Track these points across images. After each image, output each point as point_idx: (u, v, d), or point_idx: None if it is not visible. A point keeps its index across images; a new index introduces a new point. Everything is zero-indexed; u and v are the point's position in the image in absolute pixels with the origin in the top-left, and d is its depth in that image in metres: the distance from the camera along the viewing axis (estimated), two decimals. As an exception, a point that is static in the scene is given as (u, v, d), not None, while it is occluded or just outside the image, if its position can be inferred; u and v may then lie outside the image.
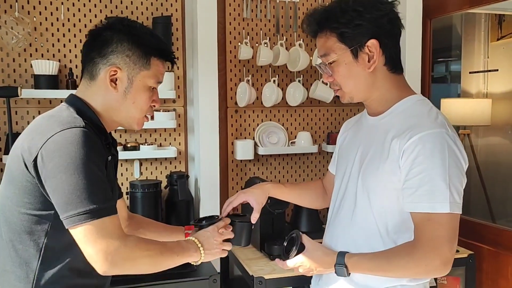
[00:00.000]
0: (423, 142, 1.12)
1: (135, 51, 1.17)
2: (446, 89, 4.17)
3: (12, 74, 2.08)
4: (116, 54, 1.16)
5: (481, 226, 2.30)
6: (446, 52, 3.92)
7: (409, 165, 1.12)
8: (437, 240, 1.10)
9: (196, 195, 2.32)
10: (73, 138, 1.04)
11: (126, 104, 1.19)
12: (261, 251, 2.08)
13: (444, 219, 1.11)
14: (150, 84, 1.20)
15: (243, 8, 2.36)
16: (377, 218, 1.20)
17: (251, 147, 2.36)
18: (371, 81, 1.22)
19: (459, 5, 2.37)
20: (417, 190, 1.12)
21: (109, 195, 1.09)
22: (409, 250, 1.13)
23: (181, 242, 1.23)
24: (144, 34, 1.20)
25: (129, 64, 1.17)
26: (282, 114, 2.48)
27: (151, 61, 1.19)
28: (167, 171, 2.33)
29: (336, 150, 1.50)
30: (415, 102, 1.25)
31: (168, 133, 2.33)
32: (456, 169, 1.13)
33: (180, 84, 2.32)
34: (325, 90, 2.42)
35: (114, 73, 1.16)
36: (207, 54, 2.22)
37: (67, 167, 1.02)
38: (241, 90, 2.35)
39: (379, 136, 1.23)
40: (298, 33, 2.44)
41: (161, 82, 1.24)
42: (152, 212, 2.13)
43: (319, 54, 1.26)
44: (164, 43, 1.25)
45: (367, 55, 1.19)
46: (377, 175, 1.19)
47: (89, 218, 1.02)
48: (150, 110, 1.24)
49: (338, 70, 1.22)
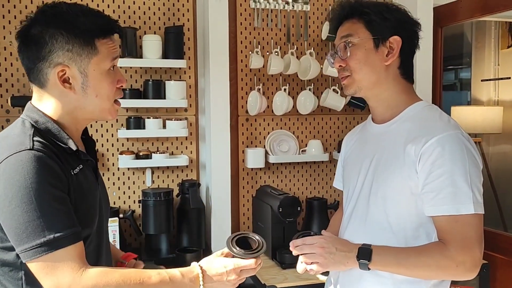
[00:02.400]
0: (441, 144, 1.12)
1: (75, 41, 1.02)
2: (456, 96, 4.16)
3: (27, 83, 2.11)
4: (56, 52, 1.02)
5: (493, 234, 2.27)
6: (456, 59, 3.92)
7: (428, 168, 1.12)
8: (469, 241, 1.10)
9: (207, 203, 2.33)
10: (19, 165, 0.94)
11: (90, 100, 1.06)
12: (273, 259, 2.08)
13: (471, 219, 1.11)
14: (106, 67, 1.07)
15: (254, 18, 2.38)
16: (393, 226, 1.19)
17: (262, 155, 2.37)
18: (383, 76, 1.23)
19: (470, 13, 2.38)
20: (439, 193, 1.11)
21: (68, 222, 0.95)
22: (441, 248, 1.11)
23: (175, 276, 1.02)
24: (75, 18, 1.04)
25: (74, 57, 1.03)
26: (293, 123, 2.49)
27: (96, 44, 1.04)
28: (179, 179, 2.34)
29: (339, 164, 1.49)
30: (423, 107, 1.25)
31: (179, 141, 2.34)
32: (476, 169, 1.13)
33: (192, 93, 2.34)
34: (336, 98, 2.43)
35: (63, 73, 1.03)
36: (219, 63, 2.24)
37: (13, 198, 0.92)
38: (252, 99, 2.37)
39: (391, 143, 1.23)
40: (308, 42, 2.46)
41: (117, 57, 1.09)
42: (163, 220, 2.14)
43: (341, 35, 1.26)
44: (101, 17, 1.08)
45: (387, 49, 1.22)
46: (393, 182, 1.19)
47: (43, 252, 0.92)
48: (118, 92, 1.12)
49: (356, 53, 1.22)
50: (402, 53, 1.23)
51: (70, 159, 1.04)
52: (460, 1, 2.40)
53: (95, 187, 1.13)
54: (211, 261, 1.09)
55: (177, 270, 1.04)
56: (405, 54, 1.25)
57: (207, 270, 1.06)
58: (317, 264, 1.18)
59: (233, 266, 1.08)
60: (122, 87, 1.12)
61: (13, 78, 2.10)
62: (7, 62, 2.10)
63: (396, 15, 1.24)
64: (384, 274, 1.20)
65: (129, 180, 2.28)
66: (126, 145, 2.26)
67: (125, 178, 2.27)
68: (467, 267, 1.11)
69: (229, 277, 1.07)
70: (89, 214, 1.08)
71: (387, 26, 1.22)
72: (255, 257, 1.10)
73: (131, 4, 2.24)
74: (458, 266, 1.10)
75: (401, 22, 1.24)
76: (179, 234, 2.22)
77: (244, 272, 1.10)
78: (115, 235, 2.06)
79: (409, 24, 1.26)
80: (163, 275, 1.01)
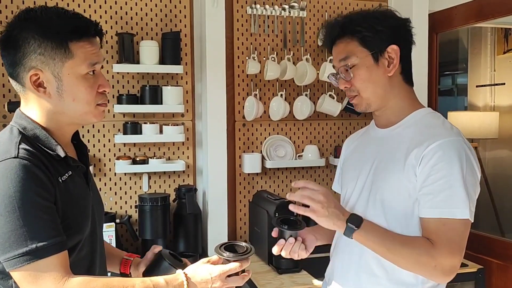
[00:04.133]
0: (442, 149, 1.13)
1: (46, 44, 1.00)
2: (452, 102, 4.17)
3: (24, 89, 2.12)
4: (28, 56, 1.00)
5: (490, 240, 2.28)
6: (453, 65, 3.94)
7: (427, 171, 1.13)
8: (453, 245, 1.11)
9: (204, 208, 2.33)
10: (3, 173, 0.93)
11: (67, 104, 1.03)
12: (269, 264, 2.08)
13: (458, 225, 1.11)
14: (83, 72, 1.03)
15: (251, 24, 2.40)
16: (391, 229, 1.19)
17: (258, 161, 2.37)
18: (389, 87, 1.24)
19: (465, 19, 2.40)
20: (436, 196, 1.12)
21: (52, 231, 0.94)
22: (427, 245, 1.11)
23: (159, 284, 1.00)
24: (48, 21, 1.01)
25: (47, 61, 1.00)
26: (290, 128, 2.50)
27: (70, 47, 1.01)
28: (176, 184, 2.35)
29: (339, 166, 1.49)
30: (426, 114, 1.27)
31: (176, 146, 2.35)
32: (472, 178, 1.14)
33: (188, 98, 2.35)
34: (332, 103, 2.44)
35: (37, 77, 1.01)
36: (216, 69, 2.26)
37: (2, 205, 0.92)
38: (248, 104, 2.38)
39: (393, 147, 1.23)
40: (305, 48, 2.47)
41: (98, 62, 1.05)
42: (160, 226, 2.14)
43: (339, 58, 1.26)
44: (76, 19, 1.04)
45: (387, 60, 1.22)
46: (392, 185, 1.19)
47: (25, 261, 0.91)
48: (101, 97, 1.07)
49: (359, 73, 1.22)
50: (401, 58, 1.24)
51: (59, 166, 1.03)
52: (455, 8, 2.42)
53: (86, 193, 1.12)
54: (196, 268, 1.07)
55: (161, 277, 1.02)
56: (404, 58, 1.25)
57: (192, 277, 1.04)
58: (311, 208, 1.13)
59: (218, 272, 1.05)
60: (105, 92, 1.08)
61: (10, 84, 2.10)
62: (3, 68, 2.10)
63: (387, 24, 1.22)
64: (380, 275, 1.20)
65: (125, 185, 2.28)
66: (123, 150, 2.27)
67: (121, 183, 2.28)
68: (444, 271, 1.11)
69: (214, 284, 1.04)
70: (80, 221, 1.06)
71: (381, 38, 1.21)
72: (243, 259, 1.08)
73: (128, 10, 2.25)
74: (436, 267, 1.10)
75: (394, 29, 1.23)
76: (176, 239, 2.22)
77: (231, 281, 1.07)
78: (112, 240, 2.06)
79: (401, 27, 1.25)
80: (147, 283, 1.00)
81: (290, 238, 1.22)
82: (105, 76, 1.12)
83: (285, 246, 1.22)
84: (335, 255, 1.37)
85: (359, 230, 1.13)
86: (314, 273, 1.96)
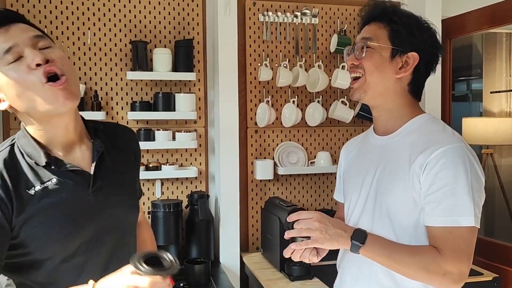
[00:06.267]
0: (445, 156, 1.12)
1: None
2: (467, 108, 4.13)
3: (40, 96, 2.16)
4: None
5: (506, 248, 2.24)
6: (467, 70, 3.90)
7: (431, 179, 1.12)
8: (460, 254, 1.10)
9: (216, 215, 2.34)
10: None
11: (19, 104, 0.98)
12: (281, 271, 2.07)
13: (465, 233, 1.10)
14: (4, 65, 0.95)
15: (263, 31, 2.41)
16: (399, 239, 1.18)
17: (270, 167, 2.38)
18: (391, 88, 1.23)
19: (479, 25, 2.38)
20: (440, 204, 1.11)
21: None
22: (434, 254, 1.11)
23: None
24: None
25: None
26: (302, 134, 2.50)
27: None
28: (188, 190, 2.36)
29: (339, 175, 1.48)
30: (426, 120, 1.25)
31: (189, 153, 2.37)
32: (477, 184, 1.13)
33: (201, 105, 2.37)
34: (345, 110, 2.43)
35: None
36: (228, 76, 2.27)
37: None
38: (261, 111, 2.39)
39: (395, 155, 1.22)
40: (317, 55, 2.48)
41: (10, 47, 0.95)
42: (172, 232, 2.15)
43: (362, 36, 1.26)
44: None
45: (402, 62, 1.22)
46: (397, 194, 1.18)
47: None
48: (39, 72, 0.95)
49: (372, 56, 1.22)
50: (416, 72, 1.23)
51: (39, 174, 0.99)
52: (468, 14, 2.40)
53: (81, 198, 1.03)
54: (109, 279, 0.91)
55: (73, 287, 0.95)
56: (419, 74, 1.25)
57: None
58: (312, 239, 1.14)
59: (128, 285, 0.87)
60: (38, 62, 0.95)
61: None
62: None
63: (424, 35, 1.23)
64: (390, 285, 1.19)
65: (139, 191, 2.30)
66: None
67: (135, 189, 2.29)
68: (454, 279, 1.10)
69: None
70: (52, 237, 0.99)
71: (411, 41, 1.21)
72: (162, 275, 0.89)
73: (142, 19, 2.28)
74: (445, 275, 1.09)
75: (426, 43, 1.23)
76: (188, 245, 2.23)
77: None
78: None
79: (433, 47, 1.25)
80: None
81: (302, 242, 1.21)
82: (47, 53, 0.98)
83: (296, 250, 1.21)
84: (342, 267, 1.36)
85: (364, 245, 1.13)
86: (326, 281, 1.94)
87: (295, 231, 1.17)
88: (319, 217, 1.16)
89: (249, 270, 2.20)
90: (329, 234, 1.14)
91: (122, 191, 1.14)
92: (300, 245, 1.17)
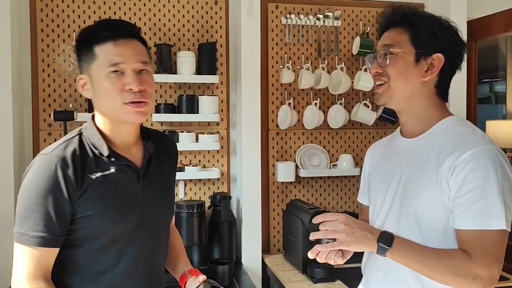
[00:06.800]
0: (475, 158, 1.10)
1: (80, 51, 1.16)
2: (490, 110, 4.06)
3: (68, 99, 2.22)
4: (79, 63, 1.18)
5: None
6: (491, 72, 3.84)
7: (460, 182, 1.10)
8: (490, 257, 1.08)
9: (238, 216, 2.36)
10: (32, 166, 1.11)
11: (100, 103, 1.16)
12: (303, 273, 2.08)
13: (495, 236, 1.08)
14: (105, 71, 1.11)
15: (285, 34, 2.42)
16: (428, 242, 1.17)
17: (292, 169, 2.38)
18: (417, 92, 1.22)
19: (505, 27, 2.34)
20: (470, 207, 1.09)
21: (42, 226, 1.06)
22: (464, 257, 1.09)
23: None
24: (84, 31, 1.16)
25: (83, 65, 1.15)
26: (324, 137, 2.50)
27: (94, 50, 1.12)
28: (210, 192, 2.38)
29: (364, 177, 1.46)
30: (455, 122, 1.23)
31: (211, 154, 2.39)
32: (508, 187, 1.11)
33: (223, 107, 2.39)
34: (367, 112, 2.42)
35: (80, 80, 1.17)
36: (250, 79, 2.29)
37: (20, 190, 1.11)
38: (282, 113, 2.40)
39: (422, 157, 1.20)
40: (339, 57, 2.48)
41: (119, 62, 1.11)
42: (196, 232, 2.18)
43: (384, 43, 1.24)
44: (101, 25, 1.16)
45: (427, 65, 1.20)
46: (425, 197, 1.17)
47: (16, 240, 1.08)
48: (128, 95, 1.12)
49: (396, 62, 1.20)
50: (441, 72, 1.21)
51: (100, 163, 1.14)
52: (495, 15, 2.37)
53: (132, 191, 1.18)
54: None
55: None
56: (445, 74, 1.23)
57: None
58: (338, 241, 1.14)
59: None
60: (132, 89, 1.12)
61: (55, 94, 2.21)
62: (50, 78, 2.21)
63: (447, 35, 1.21)
64: None
65: (162, 192, 2.33)
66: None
67: (158, 190, 2.33)
68: (484, 283, 1.08)
69: None
70: (111, 214, 1.13)
71: (433, 43, 1.19)
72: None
73: (166, 22, 2.32)
74: (475, 279, 1.07)
75: (449, 43, 1.21)
76: (211, 246, 2.25)
77: None
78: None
79: (457, 46, 1.23)
80: None
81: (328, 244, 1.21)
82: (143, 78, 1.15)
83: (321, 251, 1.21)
84: (368, 270, 1.34)
85: (391, 248, 1.13)
86: (349, 283, 1.94)
87: (321, 233, 1.17)
88: (345, 219, 1.16)
89: (271, 271, 2.21)
90: (355, 236, 1.14)
91: (162, 191, 1.27)
92: (325, 247, 1.17)
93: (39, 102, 2.19)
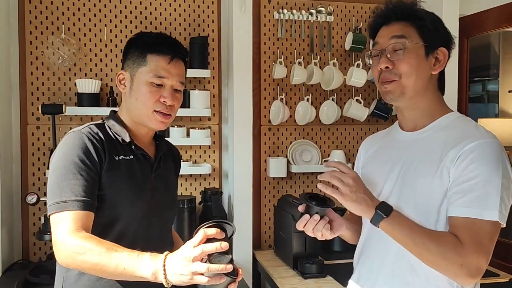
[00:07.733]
0: (480, 149, 1.10)
1: (134, 52, 1.27)
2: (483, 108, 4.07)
3: (57, 92, 2.19)
4: (126, 60, 1.30)
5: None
6: (483, 71, 3.85)
7: (462, 170, 1.10)
8: (481, 247, 1.07)
9: (229, 212, 2.34)
10: (64, 140, 1.20)
11: (132, 102, 1.27)
12: (294, 269, 2.07)
13: (488, 226, 1.08)
14: (149, 79, 1.24)
15: (278, 28, 2.41)
16: None
17: (284, 165, 2.37)
18: (426, 86, 1.22)
19: (497, 23, 2.34)
20: (467, 195, 1.09)
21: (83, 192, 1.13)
22: (455, 242, 1.08)
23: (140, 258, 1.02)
24: (144, 37, 1.30)
25: (130, 65, 1.27)
26: (316, 132, 2.49)
27: (147, 57, 1.25)
28: (201, 187, 2.37)
29: (357, 169, 1.44)
30: (456, 118, 1.24)
31: (203, 150, 2.37)
32: (507, 182, 1.11)
33: (215, 102, 2.37)
34: (359, 108, 2.42)
35: (120, 75, 1.30)
36: (242, 73, 2.27)
37: (52, 164, 1.18)
38: (274, 109, 2.38)
39: (424, 150, 1.20)
40: (332, 52, 2.47)
41: (164, 77, 1.25)
42: (186, 228, 2.16)
43: (392, 35, 1.19)
44: (162, 39, 1.29)
45: (433, 59, 1.21)
46: (425, 189, 1.16)
47: (54, 210, 1.12)
48: (160, 105, 1.25)
49: (410, 56, 1.17)
50: None
51: (122, 149, 1.26)
52: (487, 12, 2.37)
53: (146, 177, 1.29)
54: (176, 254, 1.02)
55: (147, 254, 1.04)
56: (444, 69, 1.25)
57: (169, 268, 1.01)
58: (339, 191, 1.10)
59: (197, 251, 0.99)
60: (165, 102, 1.25)
61: (44, 87, 2.18)
62: (39, 71, 2.17)
63: (445, 29, 1.24)
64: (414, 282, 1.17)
65: (152, 187, 2.31)
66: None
67: (149, 185, 2.31)
68: (470, 271, 1.07)
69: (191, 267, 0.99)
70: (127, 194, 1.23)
71: (438, 37, 1.21)
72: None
73: (157, 16, 2.30)
74: (462, 266, 1.06)
75: (448, 36, 1.24)
76: (201, 242, 2.23)
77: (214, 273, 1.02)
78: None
79: (451, 40, 1.26)
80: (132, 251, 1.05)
81: (315, 215, 1.19)
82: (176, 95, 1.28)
83: (309, 222, 1.19)
84: (361, 262, 1.33)
85: (387, 218, 1.10)
86: (339, 279, 1.93)
87: (327, 174, 1.13)
88: (355, 176, 1.13)
89: (262, 267, 2.20)
90: (356, 196, 1.11)
91: (169, 189, 1.40)
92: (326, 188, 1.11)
93: (27, 95, 2.16)
